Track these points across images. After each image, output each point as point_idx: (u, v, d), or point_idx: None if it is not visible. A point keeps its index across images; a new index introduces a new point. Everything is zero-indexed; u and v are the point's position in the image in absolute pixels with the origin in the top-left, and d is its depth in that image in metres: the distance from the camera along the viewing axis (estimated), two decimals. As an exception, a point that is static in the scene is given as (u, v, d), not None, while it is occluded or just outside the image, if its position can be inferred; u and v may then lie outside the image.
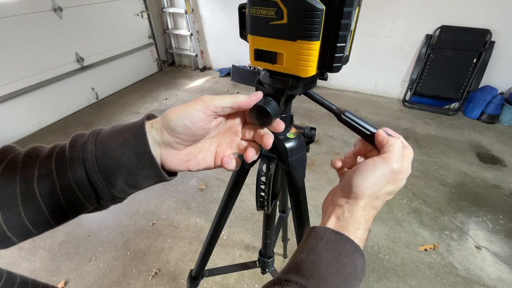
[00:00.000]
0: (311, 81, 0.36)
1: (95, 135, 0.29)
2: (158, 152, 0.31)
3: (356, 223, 0.29)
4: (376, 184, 0.29)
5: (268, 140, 0.32)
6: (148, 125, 0.30)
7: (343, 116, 0.34)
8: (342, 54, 0.30)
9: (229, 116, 0.34)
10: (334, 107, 0.36)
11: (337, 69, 0.31)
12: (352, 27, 0.30)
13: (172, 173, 0.33)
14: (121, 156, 0.28)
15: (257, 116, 0.33)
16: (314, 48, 0.29)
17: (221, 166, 0.33)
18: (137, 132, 0.29)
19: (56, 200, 0.28)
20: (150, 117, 0.32)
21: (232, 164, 0.33)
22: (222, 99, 0.31)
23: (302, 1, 0.26)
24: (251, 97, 0.32)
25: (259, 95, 0.33)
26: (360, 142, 0.36)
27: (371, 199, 0.30)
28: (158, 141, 0.30)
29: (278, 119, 0.34)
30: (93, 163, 0.28)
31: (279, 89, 0.36)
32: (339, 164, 0.37)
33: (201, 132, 0.31)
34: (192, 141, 0.32)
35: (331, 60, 0.30)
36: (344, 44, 0.29)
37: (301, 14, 0.27)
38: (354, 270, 0.26)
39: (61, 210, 0.28)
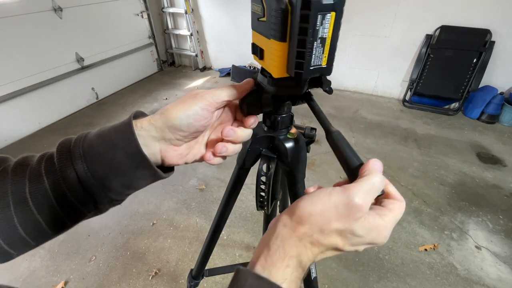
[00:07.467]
0: (289, 86, 0.34)
1: (82, 139, 0.29)
2: (157, 149, 0.31)
3: (286, 257, 0.23)
4: (324, 213, 0.24)
5: (249, 120, 0.35)
6: (145, 122, 0.30)
7: (329, 135, 0.31)
8: (303, 61, 0.28)
9: (223, 112, 0.36)
10: (327, 124, 0.33)
11: (300, 77, 0.29)
12: (324, 34, 0.26)
13: (168, 169, 0.33)
14: (112, 159, 0.28)
15: (247, 103, 0.35)
16: (280, 49, 0.29)
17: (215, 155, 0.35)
18: (125, 132, 0.28)
19: (51, 209, 0.27)
20: (138, 115, 0.31)
21: (214, 160, 0.34)
22: (220, 93, 0.32)
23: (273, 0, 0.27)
24: (243, 84, 0.35)
25: (250, 81, 0.36)
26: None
27: (313, 229, 0.24)
28: (157, 139, 0.30)
29: (250, 118, 0.36)
30: (85, 169, 0.27)
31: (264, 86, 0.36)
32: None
33: (202, 128, 0.33)
34: (193, 137, 0.34)
35: (295, 65, 0.28)
36: (303, 50, 0.27)
37: (272, 13, 0.27)
38: None
39: (57, 218, 0.28)
